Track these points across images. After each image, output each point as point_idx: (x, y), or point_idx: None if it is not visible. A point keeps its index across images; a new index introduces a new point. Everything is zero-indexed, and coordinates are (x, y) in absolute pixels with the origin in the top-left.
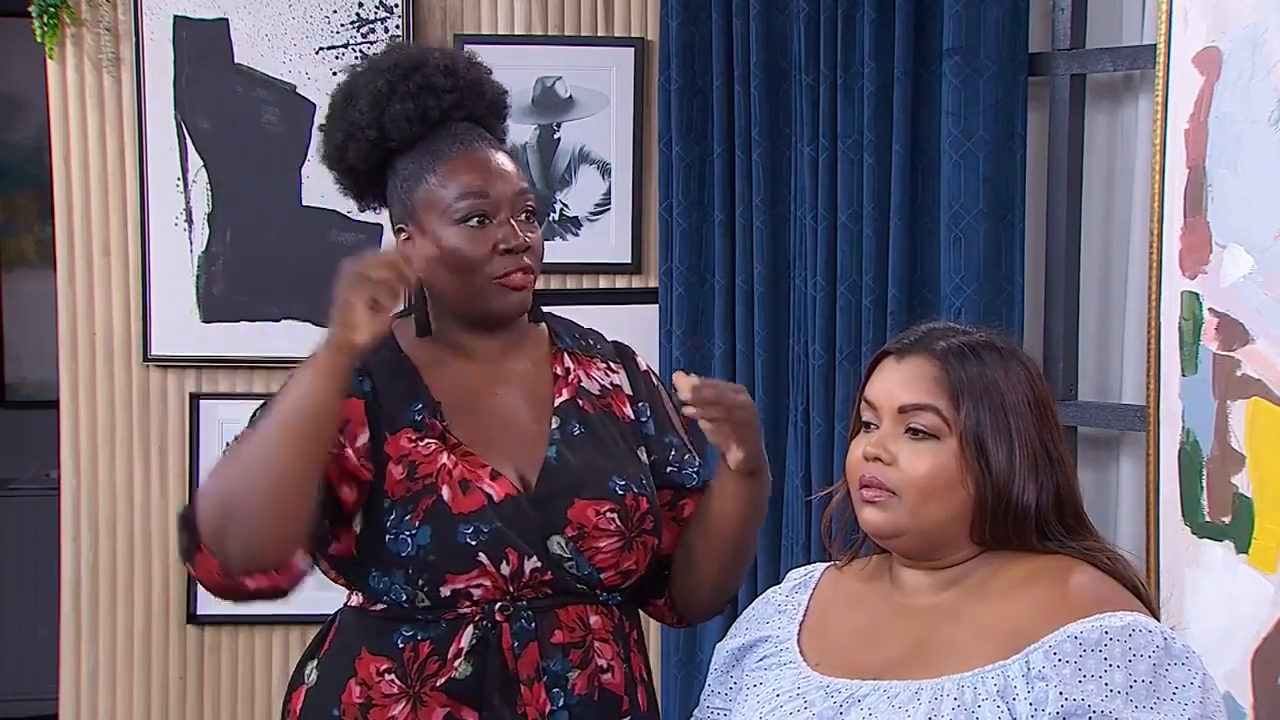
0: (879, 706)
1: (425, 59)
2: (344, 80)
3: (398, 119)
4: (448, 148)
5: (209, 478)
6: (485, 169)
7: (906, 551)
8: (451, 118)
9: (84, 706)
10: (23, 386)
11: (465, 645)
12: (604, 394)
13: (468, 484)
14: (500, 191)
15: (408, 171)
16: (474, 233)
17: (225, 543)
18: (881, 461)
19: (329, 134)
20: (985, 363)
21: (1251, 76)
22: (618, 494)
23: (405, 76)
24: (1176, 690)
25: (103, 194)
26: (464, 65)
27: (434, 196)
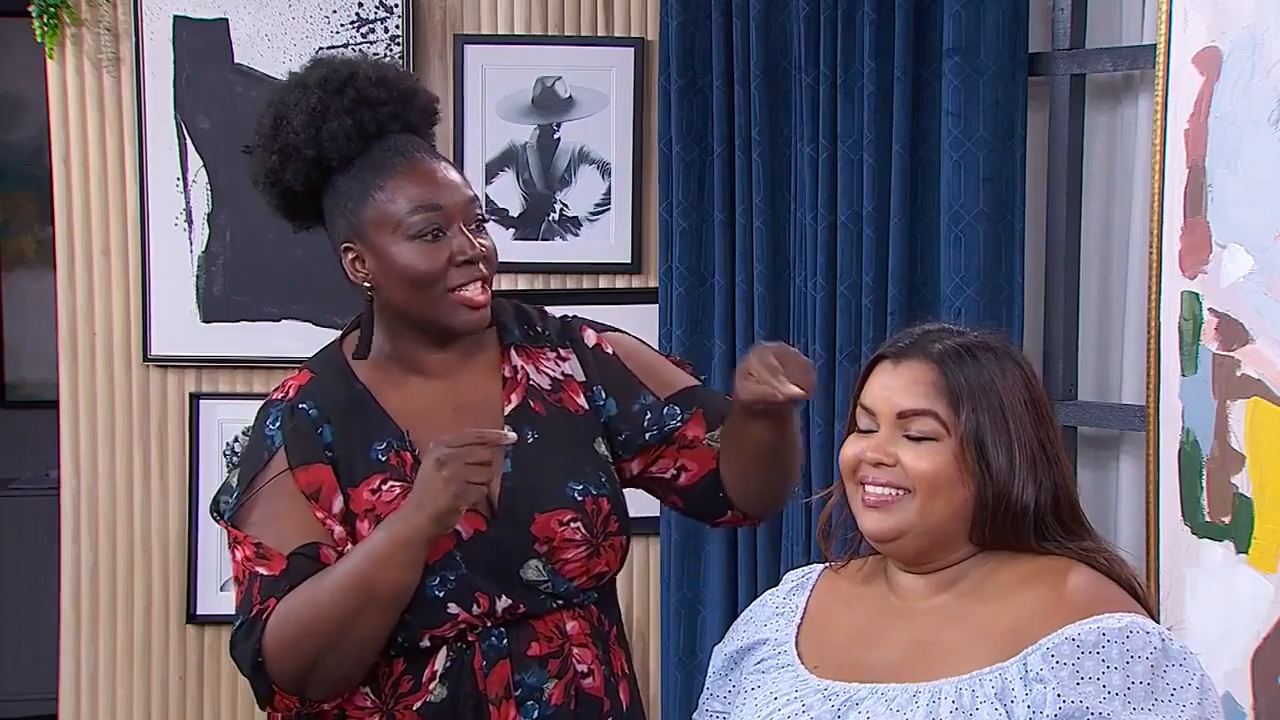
0: (877, 709)
1: (355, 71)
2: (270, 101)
3: (335, 136)
4: (391, 161)
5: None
6: (433, 180)
7: (905, 555)
8: (388, 130)
9: (84, 706)
10: (23, 386)
11: (439, 668)
12: (555, 387)
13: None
14: (451, 202)
15: (351, 190)
16: (428, 246)
17: (308, 690)
18: (885, 464)
19: (262, 157)
20: (982, 364)
21: (1251, 76)
22: (576, 500)
23: (337, 91)
24: (1174, 692)
25: (103, 194)
26: (394, 75)
27: (383, 213)
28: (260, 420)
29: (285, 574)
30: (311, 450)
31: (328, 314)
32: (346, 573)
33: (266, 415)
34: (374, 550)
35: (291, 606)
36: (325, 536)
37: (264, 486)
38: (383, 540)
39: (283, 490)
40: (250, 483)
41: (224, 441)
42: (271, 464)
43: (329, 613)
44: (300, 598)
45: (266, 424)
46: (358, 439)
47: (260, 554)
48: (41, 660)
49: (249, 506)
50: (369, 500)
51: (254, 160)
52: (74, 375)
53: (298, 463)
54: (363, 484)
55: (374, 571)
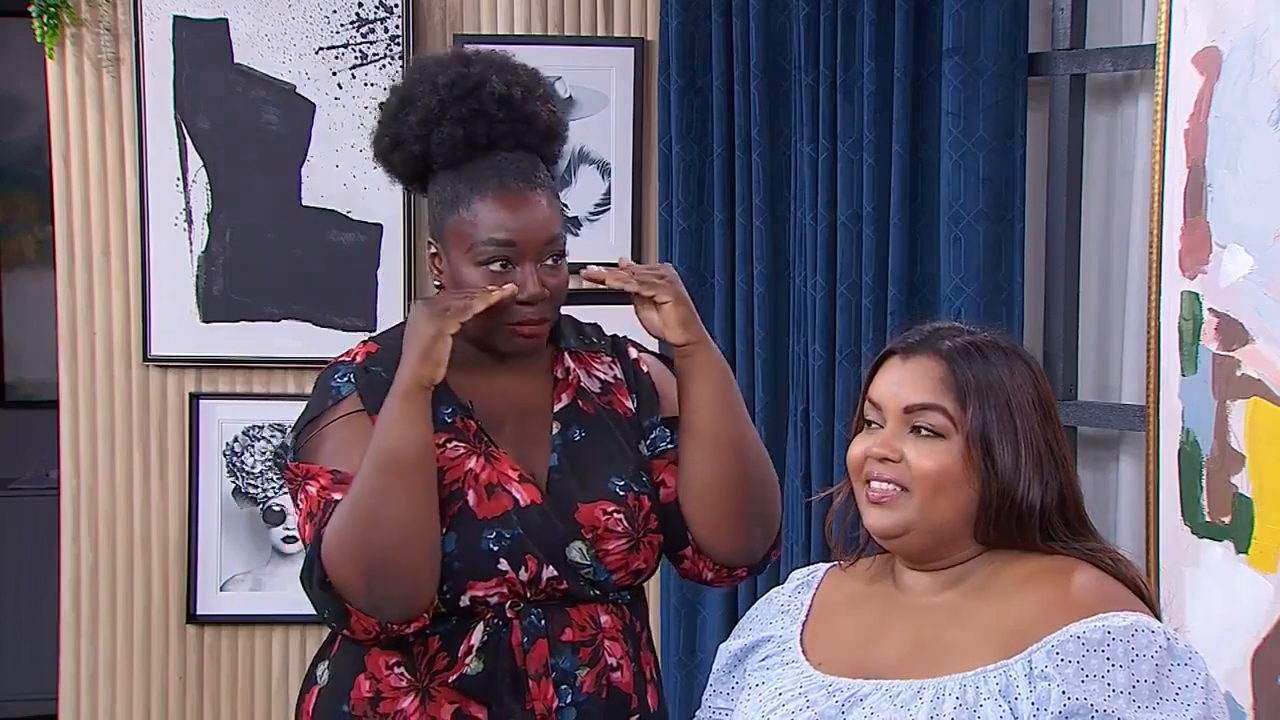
0: (881, 706)
1: (483, 82)
2: (402, 83)
3: (444, 142)
4: (485, 182)
5: (331, 539)
6: (517, 212)
7: (910, 552)
8: (500, 145)
9: (84, 706)
10: (23, 386)
11: (476, 643)
12: (606, 390)
13: (493, 488)
14: (528, 239)
15: (444, 194)
16: (494, 277)
17: (380, 605)
18: (890, 460)
19: (378, 136)
20: (991, 362)
21: (1251, 76)
22: (619, 494)
23: (459, 100)
24: (1179, 691)
25: (103, 194)
26: (520, 97)
27: (462, 230)
28: (325, 378)
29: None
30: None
31: (328, 314)
32: (366, 456)
33: (334, 372)
34: (381, 419)
35: (338, 512)
36: None
37: (335, 421)
38: (385, 408)
39: (357, 425)
40: (317, 422)
41: (224, 441)
42: (343, 405)
43: (362, 500)
44: (343, 502)
45: (334, 378)
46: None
47: (336, 480)
48: (41, 660)
49: (318, 442)
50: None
51: (374, 130)
52: (74, 375)
53: (370, 407)
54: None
55: (385, 440)
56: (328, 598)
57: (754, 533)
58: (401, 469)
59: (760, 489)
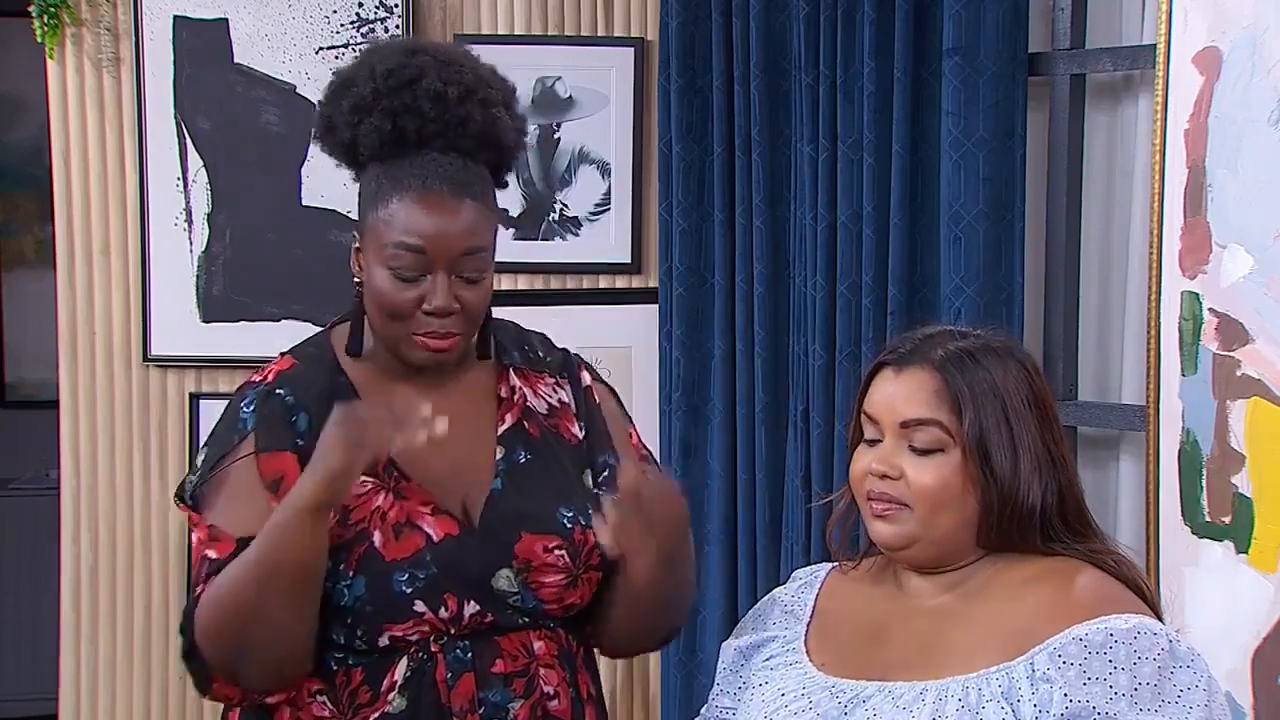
0: (883, 707)
1: (420, 76)
2: (347, 65)
3: (371, 133)
4: (408, 180)
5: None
6: (433, 217)
7: (918, 561)
8: (431, 146)
9: (84, 706)
10: (23, 386)
11: (399, 678)
12: (552, 413)
13: (402, 527)
14: (441, 247)
15: (368, 189)
16: (401, 283)
17: (242, 680)
18: (889, 478)
19: (318, 116)
20: (984, 367)
21: (1251, 76)
22: (566, 528)
23: (393, 91)
24: (1182, 693)
25: (103, 194)
26: (455, 97)
27: (377, 228)
28: (235, 402)
29: (231, 557)
30: (281, 437)
31: (328, 314)
32: (254, 546)
33: (242, 398)
34: (272, 525)
35: (214, 588)
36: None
37: (227, 469)
38: (279, 514)
39: (244, 475)
40: (216, 464)
41: None
42: (240, 448)
43: (241, 586)
44: (221, 579)
45: (241, 406)
46: None
47: (212, 536)
48: (41, 660)
49: (211, 489)
50: None
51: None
52: (74, 375)
53: (264, 448)
54: None
55: (273, 546)
56: (193, 662)
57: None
58: (285, 586)
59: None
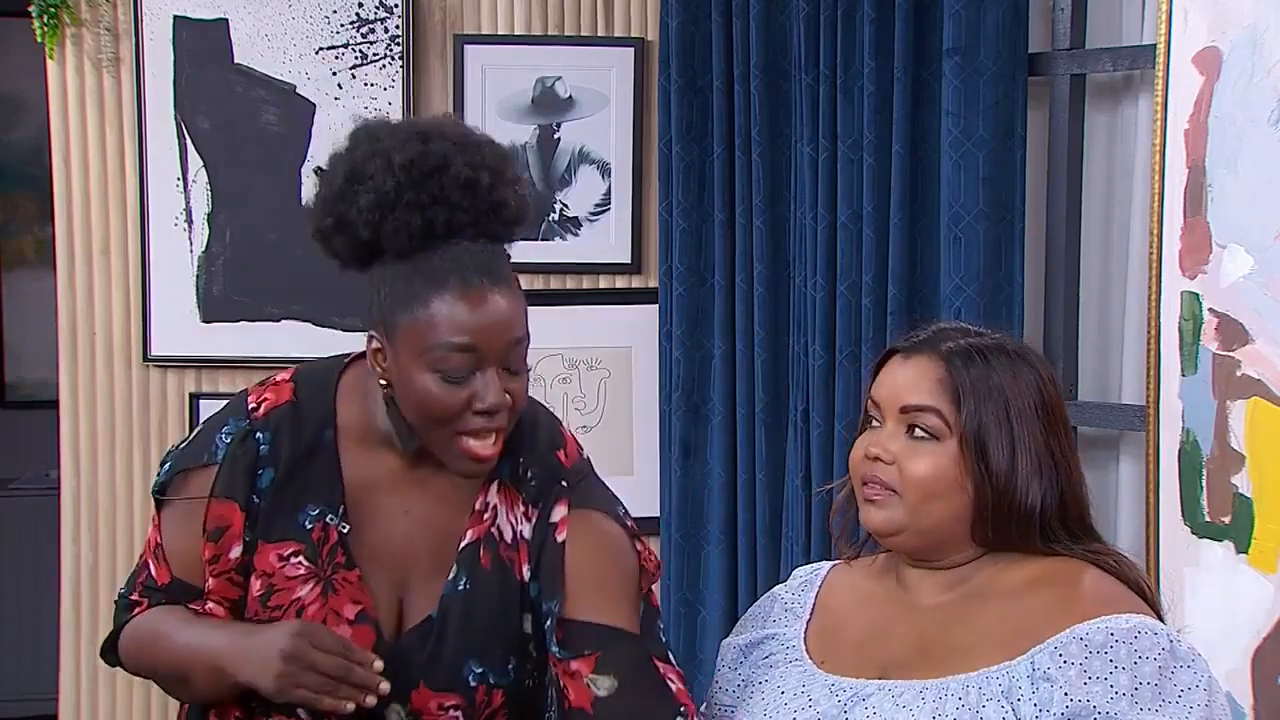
0: (884, 705)
1: (446, 164)
2: (349, 153)
3: (399, 230)
4: (445, 278)
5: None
6: (479, 315)
7: (907, 550)
8: (459, 235)
9: (84, 706)
10: (23, 386)
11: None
12: (512, 545)
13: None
14: (491, 342)
15: (396, 287)
16: (449, 385)
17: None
18: (882, 461)
19: (318, 213)
20: (991, 366)
21: (1251, 76)
22: (469, 686)
23: (417, 183)
24: (1182, 693)
25: (103, 194)
26: (487, 182)
27: (416, 331)
28: (223, 417)
29: (164, 589)
30: (238, 487)
31: (328, 314)
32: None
33: (226, 421)
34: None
35: (145, 627)
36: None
37: (182, 500)
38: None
39: (193, 514)
40: (181, 473)
41: None
42: (201, 476)
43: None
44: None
45: (222, 430)
46: (293, 498)
47: (157, 554)
48: (41, 660)
49: (168, 506)
50: (273, 565)
51: (313, 206)
52: (74, 375)
53: (219, 493)
54: (275, 545)
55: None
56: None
57: None
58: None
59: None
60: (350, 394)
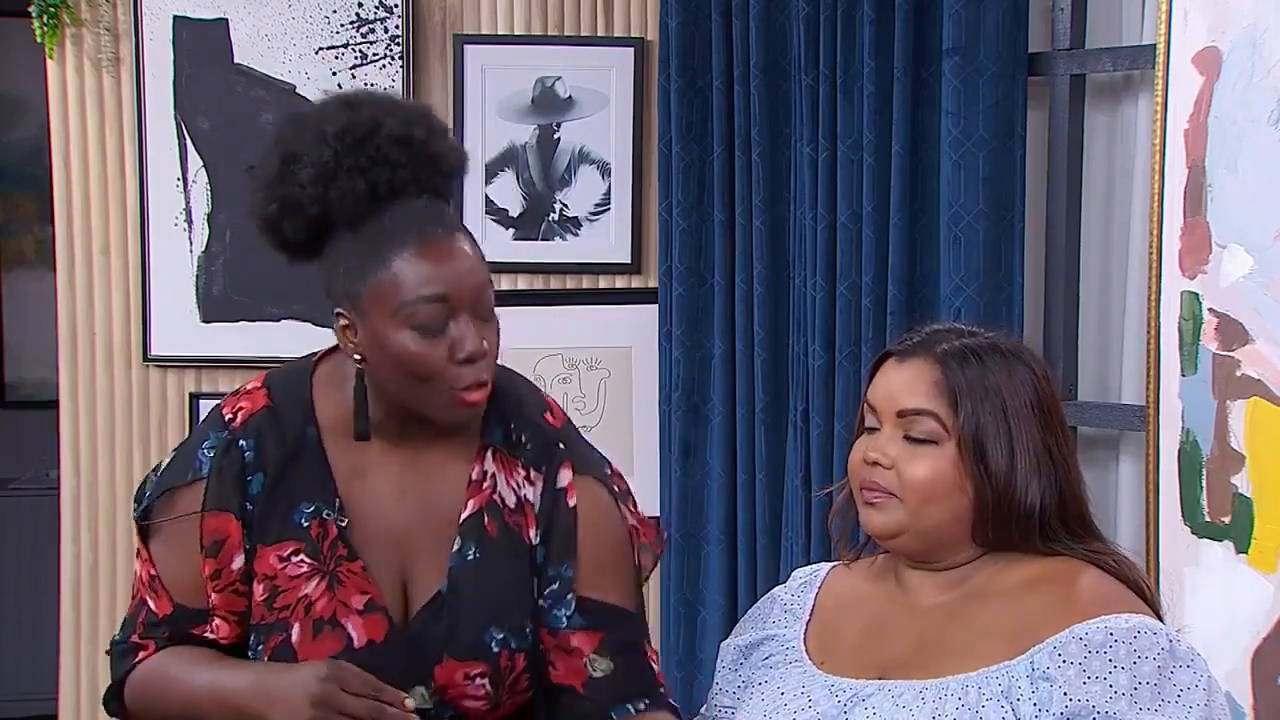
0: (883, 706)
1: (377, 127)
2: (281, 134)
3: (345, 197)
4: (402, 235)
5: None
6: (443, 264)
7: (907, 552)
8: (404, 193)
9: (84, 706)
10: (23, 386)
11: None
12: (517, 509)
13: (323, 624)
14: (460, 292)
15: (354, 254)
16: (426, 339)
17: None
18: (881, 466)
19: (262, 199)
20: (987, 366)
21: (1251, 76)
22: (493, 652)
23: (354, 149)
24: (1181, 693)
25: (103, 194)
26: (422, 135)
27: (386, 292)
28: (202, 431)
29: (167, 620)
30: (229, 497)
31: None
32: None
33: (206, 435)
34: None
35: (155, 674)
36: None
37: (172, 520)
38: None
39: (187, 532)
40: (164, 495)
41: None
42: (189, 493)
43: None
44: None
45: (203, 445)
46: (286, 498)
47: (153, 586)
48: (41, 660)
49: (155, 527)
50: (274, 567)
51: (253, 198)
52: (74, 375)
53: (211, 507)
54: (274, 547)
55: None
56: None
57: None
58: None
59: None
60: (326, 388)
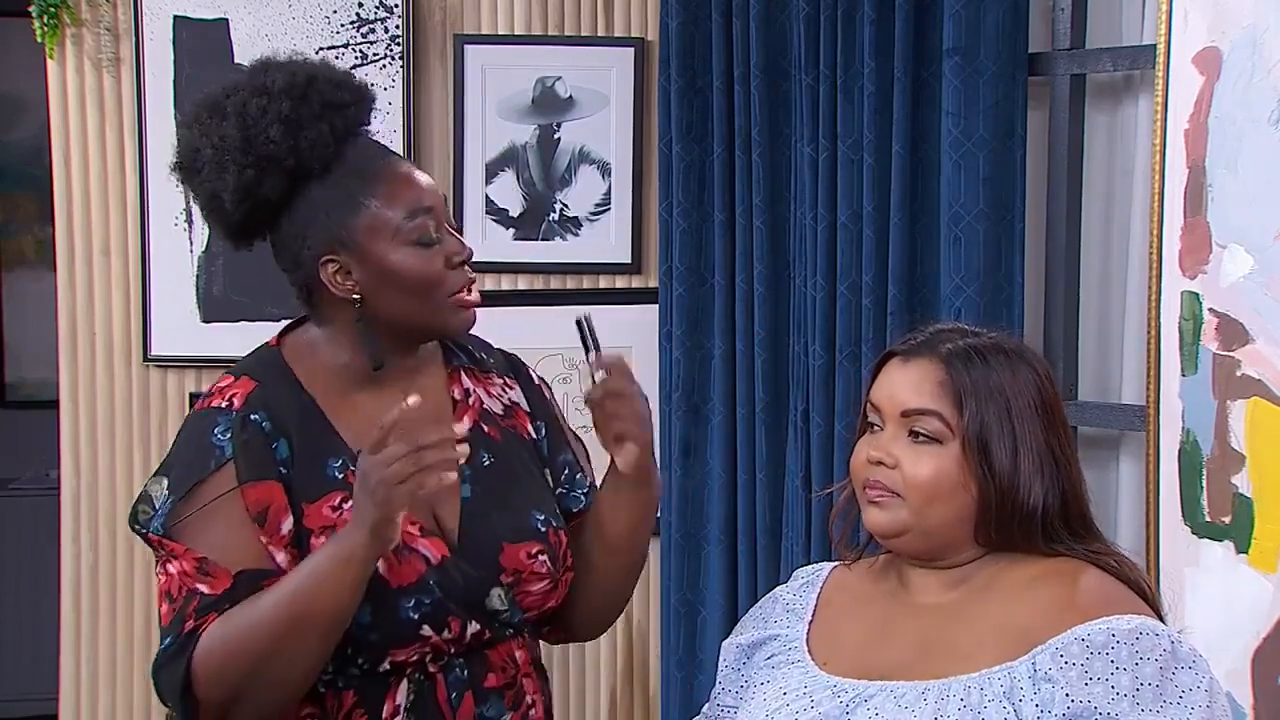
0: (885, 706)
1: (314, 75)
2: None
3: (315, 144)
4: (373, 167)
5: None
6: (416, 183)
7: (910, 551)
8: (354, 132)
9: (84, 706)
10: (23, 386)
11: (402, 701)
12: (507, 413)
13: (401, 550)
14: (437, 202)
15: (333, 198)
16: (425, 251)
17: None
18: (884, 465)
19: (235, 175)
20: (991, 366)
21: (1251, 76)
22: (541, 531)
23: (303, 97)
24: (1183, 694)
25: (103, 194)
26: (344, 75)
27: (378, 219)
28: (200, 427)
29: (228, 593)
30: (265, 466)
31: None
32: (285, 591)
33: (212, 424)
34: (315, 569)
35: (225, 627)
36: (268, 563)
37: (209, 503)
38: (323, 560)
39: (230, 509)
40: (190, 492)
41: None
42: (218, 477)
43: (263, 631)
44: (235, 617)
45: (213, 433)
46: (312, 456)
47: (202, 570)
48: (41, 660)
49: (189, 520)
50: (329, 517)
51: (213, 178)
52: (74, 375)
53: (249, 479)
54: (322, 500)
55: (314, 590)
56: (184, 703)
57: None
58: (317, 634)
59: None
60: (300, 359)
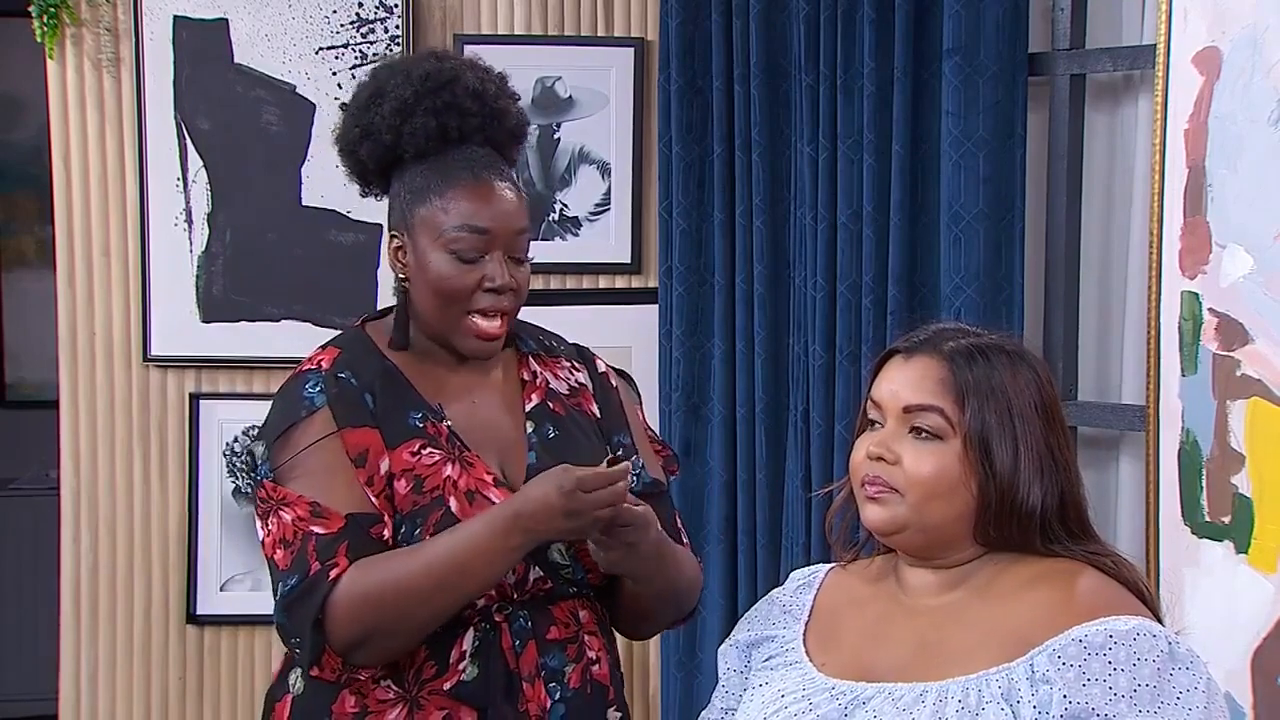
0: (884, 708)
1: (458, 77)
2: (374, 74)
3: (417, 132)
4: (458, 172)
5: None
6: (489, 203)
7: (908, 548)
8: (470, 139)
9: (84, 706)
10: (23, 386)
11: (468, 649)
12: (573, 393)
13: (473, 494)
14: (499, 229)
15: (415, 184)
16: (463, 265)
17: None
18: (885, 461)
19: (346, 126)
20: (993, 365)
21: (1251, 76)
22: None
23: (433, 92)
24: (1180, 695)
25: (103, 194)
26: (493, 91)
27: (433, 217)
28: (293, 387)
29: (343, 532)
30: (359, 413)
31: (328, 314)
32: (443, 556)
33: (304, 381)
34: (477, 543)
35: (372, 575)
36: (368, 506)
37: (310, 447)
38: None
39: (331, 451)
40: (285, 435)
41: (224, 441)
42: (315, 422)
43: (412, 586)
44: (384, 567)
45: (304, 388)
46: (396, 409)
47: (316, 513)
48: (41, 660)
49: (293, 464)
50: (408, 461)
51: (340, 124)
52: (74, 375)
53: (345, 424)
54: (402, 446)
55: (462, 560)
56: (314, 639)
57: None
58: (466, 589)
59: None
60: (380, 334)
